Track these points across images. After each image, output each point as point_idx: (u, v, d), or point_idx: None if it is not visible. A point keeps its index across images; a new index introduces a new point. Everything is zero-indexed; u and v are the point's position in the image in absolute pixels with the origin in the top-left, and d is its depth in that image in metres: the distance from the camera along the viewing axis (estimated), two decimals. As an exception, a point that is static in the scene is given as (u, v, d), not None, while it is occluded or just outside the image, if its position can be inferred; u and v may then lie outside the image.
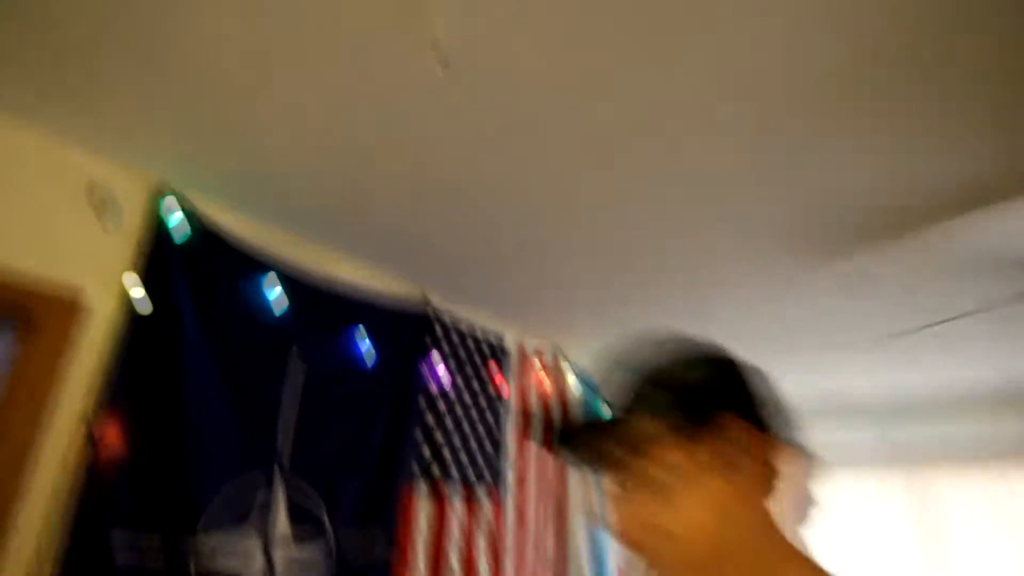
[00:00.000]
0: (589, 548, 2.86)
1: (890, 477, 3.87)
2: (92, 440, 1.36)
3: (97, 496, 1.34)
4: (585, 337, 2.88)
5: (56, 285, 1.40)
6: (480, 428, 2.38)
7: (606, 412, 0.61)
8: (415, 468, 2.08)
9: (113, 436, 1.39)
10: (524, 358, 2.72)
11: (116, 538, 1.36)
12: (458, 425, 2.30)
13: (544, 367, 2.80)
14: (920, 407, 3.81)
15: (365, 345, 1.99)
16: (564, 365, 2.92)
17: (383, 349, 2.03)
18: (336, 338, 1.94)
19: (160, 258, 1.54)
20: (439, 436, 2.20)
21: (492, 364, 2.52)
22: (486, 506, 2.33)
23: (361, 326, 2.00)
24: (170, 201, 1.57)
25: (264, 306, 1.75)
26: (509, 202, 1.71)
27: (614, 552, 3.02)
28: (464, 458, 2.28)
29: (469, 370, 2.40)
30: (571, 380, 2.94)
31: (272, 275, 1.78)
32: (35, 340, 1.35)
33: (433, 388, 2.21)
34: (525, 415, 2.64)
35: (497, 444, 2.44)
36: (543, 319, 2.69)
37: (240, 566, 1.57)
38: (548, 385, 2.81)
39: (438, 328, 2.30)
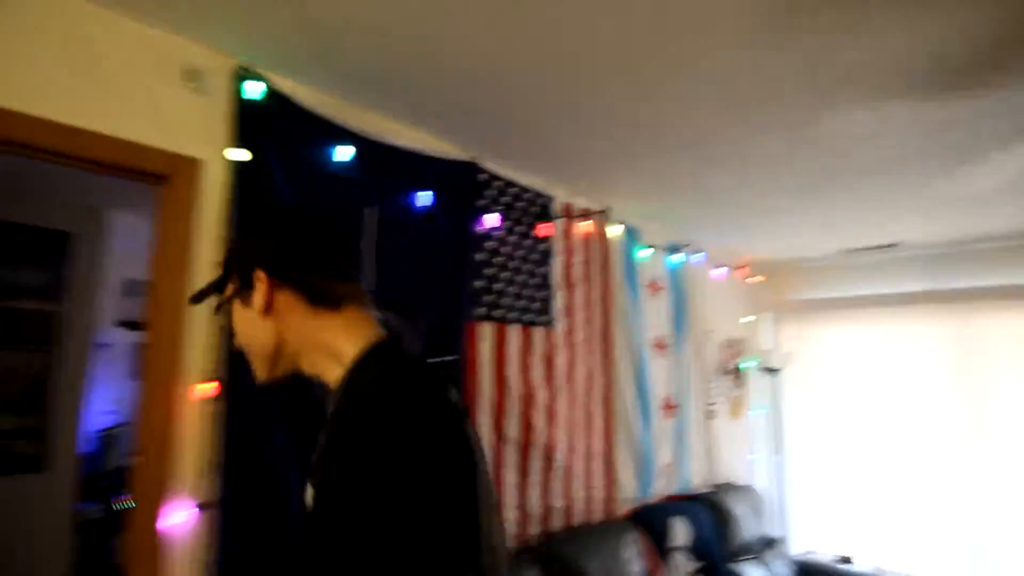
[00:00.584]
0: (633, 372, 3.25)
1: (936, 314, 4.05)
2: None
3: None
4: (629, 197, 3.09)
5: (174, 153, 1.69)
6: (529, 273, 2.70)
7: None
8: (475, 307, 2.43)
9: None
10: (571, 215, 2.97)
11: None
12: (510, 270, 2.61)
13: (590, 223, 3.05)
14: (967, 254, 3.91)
15: (425, 199, 2.26)
16: (608, 222, 3.15)
17: (441, 203, 2.30)
18: (400, 192, 2.21)
19: (248, 125, 1.79)
20: (494, 280, 2.53)
21: (542, 217, 2.77)
22: (537, 336, 2.71)
23: (422, 181, 2.25)
24: (252, 78, 1.81)
25: (337, 164, 2.00)
26: (562, 74, 1.87)
27: (654, 376, 3.41)
28: (516, 299, 2.62)
29: (519, 223, 2.68)
30: (613, 235, 3.19)
31: (343, 137, 2.02)
32: (172, 192, 1.69)
33: (485, 237, 2.51)
34: (569, 262, 2.94)
35: (545, 286, 2.78)
36: (591, 182, 2.89)
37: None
38: (593, 238, 3.07)
39: (490, 185, 2.54)
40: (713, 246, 3.95)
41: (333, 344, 0.86)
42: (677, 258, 3.66)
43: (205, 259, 1.72)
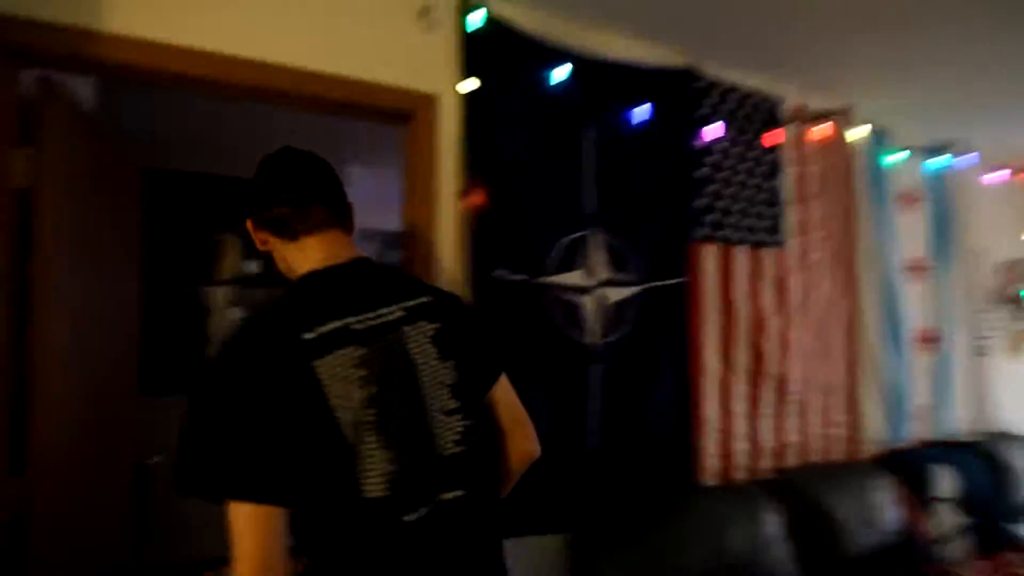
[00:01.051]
0: (881, 298, 2.82)
1: None
2: (466, 200, 1.81)
3: (480, 243, 1.82)
4: (876, 90, 2.59)
5: (415, 90, 1.79)
6: (756, 188, 2.43)
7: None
8: (698, 226, 2.27)
9: (478, 198, 1.82)
10: (805, 117, 2.59)
11: (497, 274, 1.86)
12: (734, 185, 2.38)
13: (827, 126, 2.64)
14: None
15: (642, 113, 2.13)
16: (850, 123, 2.70)
17: (659, 116, 2.15)
18: (619, 108, 2.11)
19: (474, 56, 1.84)
20: (718, 197, 2.33)
21: (770, 124, 2.46)
22: (767, 257, 2.45)
23: (638, 95, 2.12)
24: (475, 7, 1.84)
25: (557, 86, 1.97)
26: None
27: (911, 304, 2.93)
28: (743, 216, 2.39)
29: (744, 132, 2.40)
30: (857, 138, 2.73)
31: (560, 58, 1.98)
32: (415, 128, 1.80)
33: (707, 150, 2.31)
34: (804, 172, 2.59)
35: (774, 199, 2.48)
36: (829, 76, 2.48)
37: (575, 300, 2.01)
38: (831, 143, 2.66)
39: (710, 92, 2.31)
40: (988, 144, 3.17)
41: (290, 275, 1.02)
42: (939, 161, 3.02)
43: (447, 189, 1.82)
